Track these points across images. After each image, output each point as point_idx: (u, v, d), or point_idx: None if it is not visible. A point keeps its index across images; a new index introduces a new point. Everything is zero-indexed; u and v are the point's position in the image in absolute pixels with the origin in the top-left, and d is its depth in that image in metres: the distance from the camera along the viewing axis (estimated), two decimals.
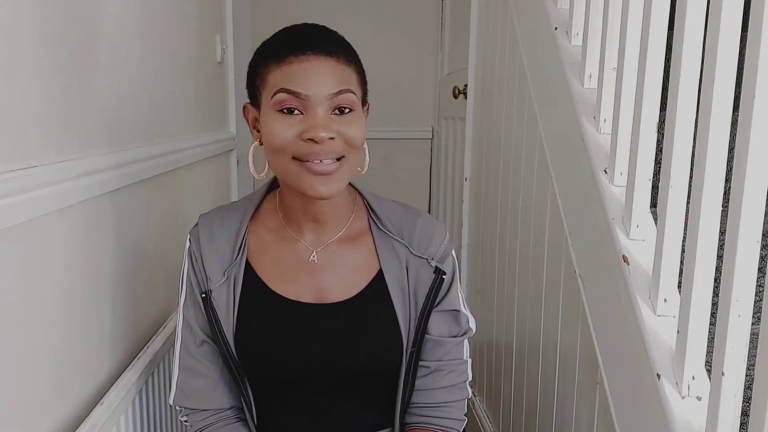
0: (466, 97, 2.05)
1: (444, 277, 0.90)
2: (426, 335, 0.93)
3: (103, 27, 0.99)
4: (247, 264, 0.90)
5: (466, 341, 0.96)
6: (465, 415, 0.97)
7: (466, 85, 2.04)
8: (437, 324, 0.93)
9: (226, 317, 0.88)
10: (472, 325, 0.96)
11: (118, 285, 1.06)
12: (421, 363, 0.94)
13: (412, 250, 0.91)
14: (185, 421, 0.95)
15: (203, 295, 0.88)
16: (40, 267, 0.80)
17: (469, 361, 0.97)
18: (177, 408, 0.95)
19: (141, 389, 1.04)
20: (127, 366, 1.05)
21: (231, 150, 2.08)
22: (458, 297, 0.94)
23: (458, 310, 0.94)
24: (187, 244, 0.92)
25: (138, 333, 1.16)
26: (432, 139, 2.98)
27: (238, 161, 2.18)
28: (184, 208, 1.47)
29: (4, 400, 0.72)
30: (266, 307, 0.89)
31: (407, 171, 2.94)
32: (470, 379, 0.97)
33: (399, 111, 2.91)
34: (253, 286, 0.89)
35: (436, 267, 0.90)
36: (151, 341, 1.16)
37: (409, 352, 0.90)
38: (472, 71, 1.94)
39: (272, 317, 0.89)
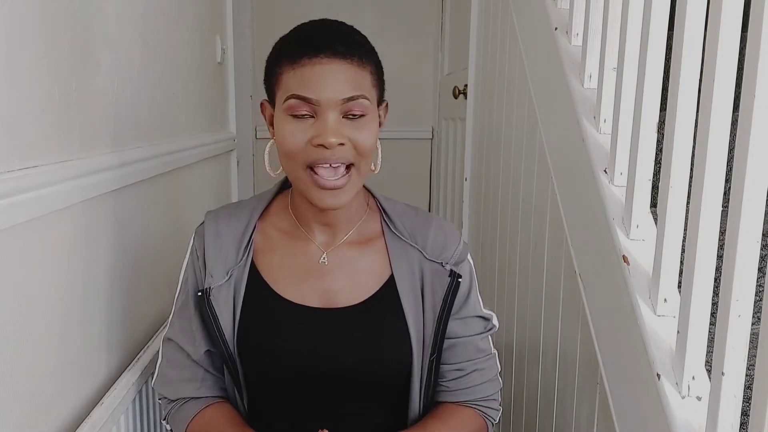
0: (466, 97, 2.05)
1: (460, 280, 0.89)
2: (452, 339, 0.92)
3: (103, 27, 0.99)
4: (252, 265, 0.89)
5: (489, 336, 0.97)
6: (500, 404, 0.98)
7: (466, 85, 2.04)
8: (462, 328, 0.92)
9: (226, 319, 0.87)
10: (495, 321, 0.96)
11: (119, 285, 1.06)
12: (451, 366, 0.93)
13: (426, 254, 0.89)
14: (159, 400, 0.96)
15: (199, 293, 0.87)
16: (41, 267, 0.80)
17: (495, 352, 0.97)
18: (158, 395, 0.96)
19: (141, 389, 1.04)
20: (127, 366, 1.05)
21: (231, 150, 2.08)
22: (478, 302, 0.94)
23: (480, 316, 0.94)
24: (191, 241, 0.92)
25: (138, 333, 1.16)
26: (432, 139, 2.98)
27: (238, 161, 2.18)
28: (184, 208, 1.47)
29: (5, 400, 0.72)
30: (268, 311, 0.88)
31: (407, 171, 2.94)
32: (500, 369, 0.98)
33: (399, 111, 2.90)
34: (256, 288, 0.88)
35: (451, 270, 0.89)
36: (151, 341, 1.16)
37: (429, 359, 0.89)
38: (472, 71, 1.94)
39: (274, 321, 0.87)
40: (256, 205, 0.92)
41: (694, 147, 0.78)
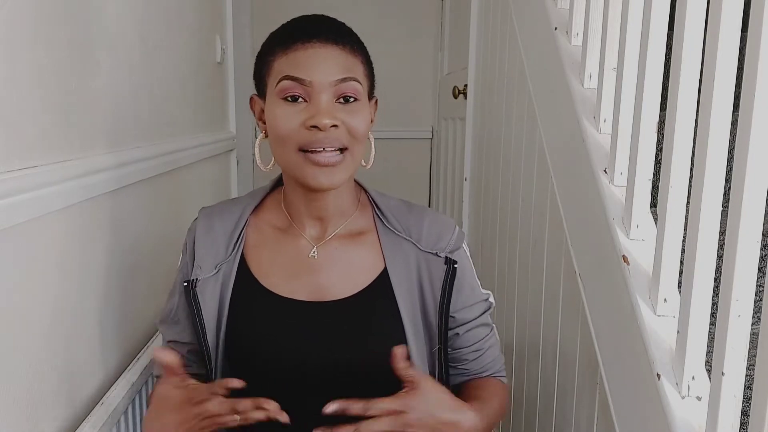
0: (466, 97, 2.05)
1: (456, 266, 0.89)
2: (463, 325, 0.93)
3: (102, 27, 0.99)
4: (243, 260, 0.89)
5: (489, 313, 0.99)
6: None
7: (466, 85, 2.04)
8: (470, 313, 0.93)
9: (209, 311, 0.87)
10: (492, 298, 0.97)
11: (119, 285, 1.06)
12: (469, 349, 0.94)
13: (420, 246, 0.89)
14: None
15: (185, 284, 0.87)
16: (40, 267, 0.80)
17: (494, 324, 0.99)
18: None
19: (141, 389, 1.04)
20: (128, 366, 1.05)
21: (231, 150, 2.08)
22: (478, 286, 0.95)
23: (480, 300, 0.95)
24: (186, 235, 0.93)
25: (138, 333, 1.16)
26: (432, 139, 2.98)
27: (238, 161, 2.18)
28: (183, 207, 1.47)
29: (5, 400, 0.72)
30: (256, 305, 0.88)
31: (407, 171, 2.94)
32: (497, 336, 1.00)
33: (399, 111, 2.91)
34: (244, 283, 0.88)
35: (446, 258, 0.89)
36: (151, 341, 1.16)
37: (434, 349, 0.89)
38: (472, 71, 1.94)
39: (262, 315, 0.87)
40: (249, 201, 0.93)
41: (694, 147, 0.78)
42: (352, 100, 0.80)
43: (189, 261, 0.90)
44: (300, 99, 0.79)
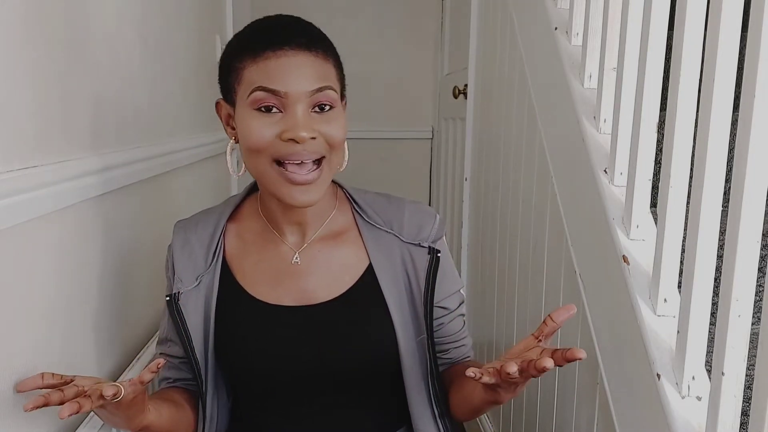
0: (466, 97, 2.05)
1: (439, 255, 0.88)
2: (447, 315, 0.92)
3: (102, 27, 0.99)
4: (226, 270, 0.88)
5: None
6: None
7: (466, 85, 2.04)
8: (452, 303, 0.93)
9: (195, 323, 0.86)
10: (462, 291, 0.97)
11: (117, 285, 1.06)
12: (450, 338, 0.94)
13: (402, 238, 0.88)
14: None
15: (167, 298, 0.87)
16: (41, 267, 0.80)
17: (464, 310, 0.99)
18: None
19: None
20: (126, 367, 1.05)
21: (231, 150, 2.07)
22: (456, 274, 0.94)
23: (458, 290, 0.94)
24: (167, 253, 0.93)
25: (137, 334, 1.16)
26: (432, 139, 2.98)
27: (238, 161, 2.18)
28: (183, 208, 1.47)
29: (5, 400, 0.72)
30: (244, 314, 0.87)
31: (407, 171, 2.94)
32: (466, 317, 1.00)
33: (399, 111, 2.91)
34: (230, 292, 0.87)
35: (430, 247, 0.88)
36: (151, 341, 1.16)
37: (419, 339, 0.88)
38: (472, 71, 1.94)
39: (251, 324, 0.86)
40: (223, 210, 0.92)
41: (694, 147, 0.78)
42: (327, 108, 0.78)
43: (170, 276, 0.89)
44: (274, 109, 0.76)
